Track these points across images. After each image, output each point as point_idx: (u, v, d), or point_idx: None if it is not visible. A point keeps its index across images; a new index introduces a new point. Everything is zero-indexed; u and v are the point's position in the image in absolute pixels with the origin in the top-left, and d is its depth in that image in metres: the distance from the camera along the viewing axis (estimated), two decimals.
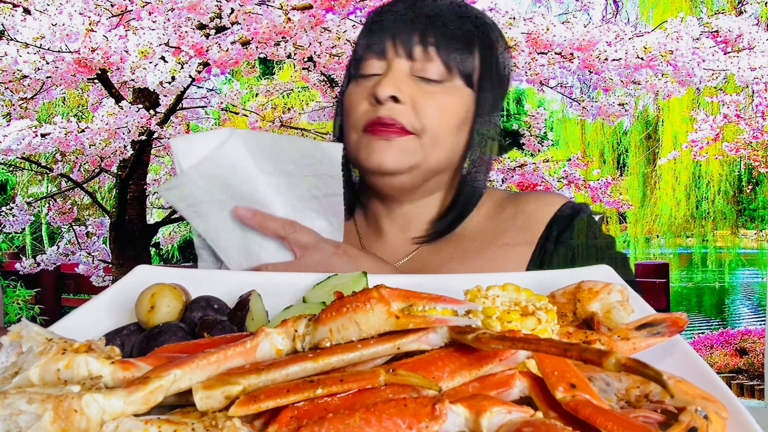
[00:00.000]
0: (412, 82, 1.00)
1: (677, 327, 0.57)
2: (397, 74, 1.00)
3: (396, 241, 1.11)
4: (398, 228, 1.12)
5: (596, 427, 0.39)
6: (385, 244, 1.12)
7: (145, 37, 2.53)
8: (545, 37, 3.13)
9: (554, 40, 3.14)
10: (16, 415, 0.39)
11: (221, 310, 0.64)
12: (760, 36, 3.23)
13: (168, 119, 3.59)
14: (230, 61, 2.75)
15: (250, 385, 0.43)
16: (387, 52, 1.02)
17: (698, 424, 0.42)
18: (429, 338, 0.48)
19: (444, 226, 1.09)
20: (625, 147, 9.14)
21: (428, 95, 1.00)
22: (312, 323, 0.49)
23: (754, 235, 11.01)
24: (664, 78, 3.34)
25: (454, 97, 1.02)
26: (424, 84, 1.01)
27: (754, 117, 5.02)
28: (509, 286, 0.59)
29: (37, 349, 0.46)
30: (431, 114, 1.00)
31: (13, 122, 2.99)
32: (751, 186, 9.06)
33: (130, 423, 0.40)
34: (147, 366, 0.46)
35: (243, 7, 2.71)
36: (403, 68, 1.00)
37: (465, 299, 0.57)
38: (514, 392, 0.45)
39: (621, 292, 0.62)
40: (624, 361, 0.38)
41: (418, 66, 1.00)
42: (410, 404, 0.40)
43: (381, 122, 0.98)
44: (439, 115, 1.00)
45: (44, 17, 2.41)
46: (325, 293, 0.69)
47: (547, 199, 1.12)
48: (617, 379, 0.49)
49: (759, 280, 10.06)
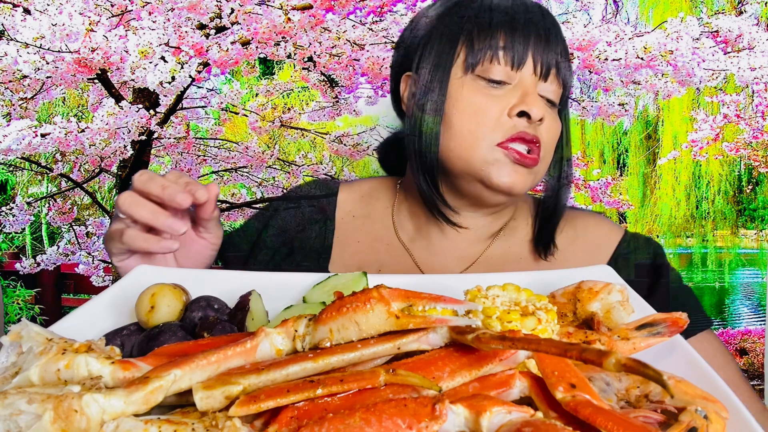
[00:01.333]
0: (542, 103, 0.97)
1: (677, 327, 0.57)
2: (536, 92, 0.96)
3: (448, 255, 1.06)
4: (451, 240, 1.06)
5: (596, 427, 0.39)
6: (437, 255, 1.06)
7: (145, 37, 2.53)
8: None
9: None
10: (16, 415, 0.39)
11: (221, 310, 0.64)
12: (760, 36, 3.23)
13: (168, 119, 3.59)
14: (230, 61, 2.75)
15: (250, 385, 0.43)
16: (525, 65, 0.95)
17: (698, 424, 0.42)
18: (429, 338, 0.48)
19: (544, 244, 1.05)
20: (625, 147, 9.15)
21: (550, 119, 0.97)
22: (312, 323, 0.49)
23: (754, 235, 11.01)
24: (664, 78, 3.34)
25: (557, 121, 1.00)
26: (547, 106, 0.98)
27: (754, 117, 5.02)
28: (509, 286, 0.59)
29: (38, 349, 0.46)
30: (550, 138, 0.98)
31: (13, 122, 2.99)
32: (751, 186, 9.06)
33: (130, 423, 0.40)
34: (147, 366, 0.46)
35: (243, 7, 2.71)
36: (536, 85, 0.96)
37: (465, 299, 0.57)
38: (514, 392, 0.45)
39: (621, 292, 0.62)
40: (624, 361, 0.38)
41: (546, 87, 0.97)
42: (410, 404, 0.40)
43: (524, 138, 0.94)
44: (552, 140, 0.99)
45: (44, 17, 2.41)
46: (325, 293, 0.69)
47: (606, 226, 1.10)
48: (617, 379, 0.49)
49: (759, 280, 10.07)
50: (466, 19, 0.98)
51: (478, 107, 0.95)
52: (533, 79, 0.96)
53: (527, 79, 0.96)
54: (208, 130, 5.14)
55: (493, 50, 0.95)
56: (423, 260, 1.06)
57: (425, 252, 1.06)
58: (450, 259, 1.05)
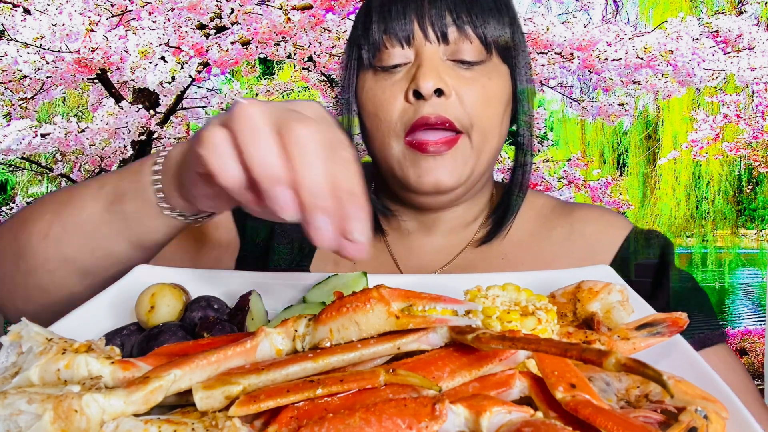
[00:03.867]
0: (450, 69, 0.85)
1: (677, 327, 0.57)
2: (433, 62, 0.83)
3: (432, 252, 0.96)
4: (433, 239, 0.97)
5: (596, 427, 0.39)
6: (420, 257, 0.97)
7: (145, 37, 2.53)
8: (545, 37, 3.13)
9: (554, 40, 3.14)
10: (16, 415, 0.39)
11: (221, 310, 0.64)
12: (760, 36, 3.24)
13: (168, 119, 3.60)
14: (230, 61, 2.75)
15: (250, 385, 0.43)
16: (415, 38, 0.84)
17: (698, 424, 0.42)
18: (429, 338, 0.48)
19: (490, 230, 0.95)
20: (625, 147, 9.15)
21: (469, 82, 0.84)
22: (312, 323, 0.49)
23: (754, 235, 11.02)
24: (664, 78, 3.35)
25: (496, 79, 0.86)
26: (461, 68, 0.85)
27: (754, 117, 5.03)
28: (509, 286, 0.59)
29: (37, 349, 0.46)
30: (476, 104, 0.84)
31: (13, 122, 2.99)
32: (751, 186, 9.07)
33: (130, 423, 0.40)
34: (147, 366, 0.46)
35: (243, 7, 2.71)
36: (436, 53, 0.84)
37: (465, 299, 0.57)
38: (514, 392, 0.45)
39: (621, 292, 0.62)
40: (624, 361, 0.38)
41: (452, 48, 0.85)
42: (410, 404, 0.40)
43: (427, 122, 0.82)
44: (484, 104, 0.85)
45: (44, 17, 2.41)
46: (325, 293, 0.69)
47: (609, 220, 0.97)
48: (617, 379, 0.49)
49: (759, 280, 10.07)
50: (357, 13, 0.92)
51: (377, 101, 0.86)
52: (431, 48, 0.84)
53: (423, 50, 0.84)
54: None
55: (377, 36, 0.86)
56: (400, 255, 0.98)
57: (401, 247, 0.98)
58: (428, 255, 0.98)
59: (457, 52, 0.85)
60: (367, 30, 0.88)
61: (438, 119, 0.82)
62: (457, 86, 0.84)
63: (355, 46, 0.90)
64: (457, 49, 0.85)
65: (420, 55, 0.85)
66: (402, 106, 0.85)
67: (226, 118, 0.51)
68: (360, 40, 0.89)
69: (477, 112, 0.85)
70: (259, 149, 0.48)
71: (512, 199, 0.94)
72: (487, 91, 0.85)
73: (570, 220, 0.98)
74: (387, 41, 0.86)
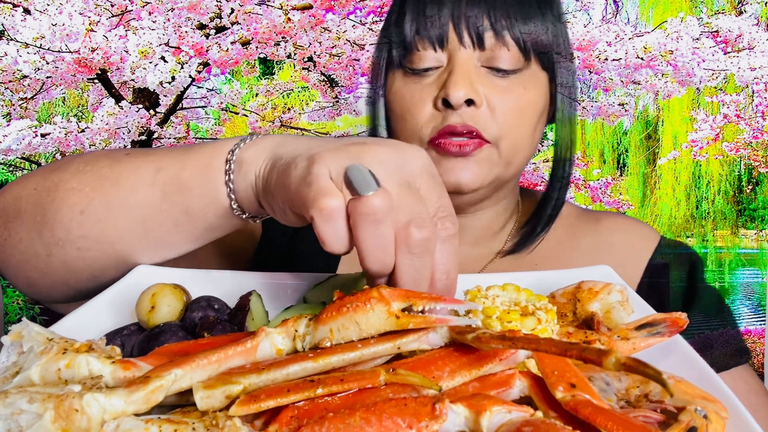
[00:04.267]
0: (484, 77, 0.81)
1: (677, 327, 0.57)
2: (466, 69, 0.79)
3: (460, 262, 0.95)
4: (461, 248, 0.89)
5: (596, 426, 0.39)
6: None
7: (145, 37, 2.54)
8: None
9: None
10: (17, 415, 0.39)
11: (221, 310, 0.64)
12: (760, 36, 3.24)
13: (168, 119, 3.60)
14: (230, 61, 2.75)
15: (251, 385, 0.43)
16: (448, 42, 0.81)
17: (698, 424, 0.42)
18: (429, 338, 0.48)
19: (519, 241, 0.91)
20: (625, 147, 9.15)
21: (503, 92, 0.81)
22: (312, 323, 0.49)
23: (754, 235, 11.01)
24: (664, 78, 3.35)
25: (532, 89, 0.82)
26: (496, 77, 0.81)
27: (754, 117, 5.02)
28: (509, 286, 0.59)
29: (38, 349, 0.46)
30: (509, 115, 0.81)
31: (13, 122, 3.00)
32: (751, 186, 9.06)
33: (130, 422, 0.40)
34: (147, 366, 0.46)
35: (243, 7, 2.71)
36: (469, 59, 0.80)
37: (465, 299, 0.57)
38: (514, 392, 0.45)
39: (621, 292, 0.62)
40: (624, 361, 0.39)
41: (488, 55, 0.80)
42: (410, 404, 0.40)
43: (454, 131, 0.79)
44: (517, 115, 0.81)
45: (44, 17, 2.42)
46: (325, 293, 0.69)
47: (638, 231, 0.95)
48: (617, 379, 0.49)
49: (759, 280, 10.06)
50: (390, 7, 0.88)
51: (405, 104, 0.83)
52: (465, 53, 0.80)
53: (457, 55, 0.80)
54: (208, 130, 5.14)
55: (409, 36, 0.82)
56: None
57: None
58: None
59: (493, 59, 0.80)
60: (398, 29, 0.84)
61: (465, 129, 0.79)
62: (490, 95, 0.80)
63: (386, 43, 0.87)
64: (492, 56, 0.80)
65: (453, 60, 0.81)
66: (430, 112, 0.82)
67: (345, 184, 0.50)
68: (391, 38, 0.85)
69: (509, 123, 0.81)
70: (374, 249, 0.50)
71: (546, 210, 0.91)
72: (521, 101, 0.81)
73: (597, 229, 0.95)
74: (419, 42, 0.82)
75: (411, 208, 0.50)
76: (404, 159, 0.53)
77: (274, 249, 0.99)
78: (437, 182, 0.54)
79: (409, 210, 0.50)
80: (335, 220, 0.50)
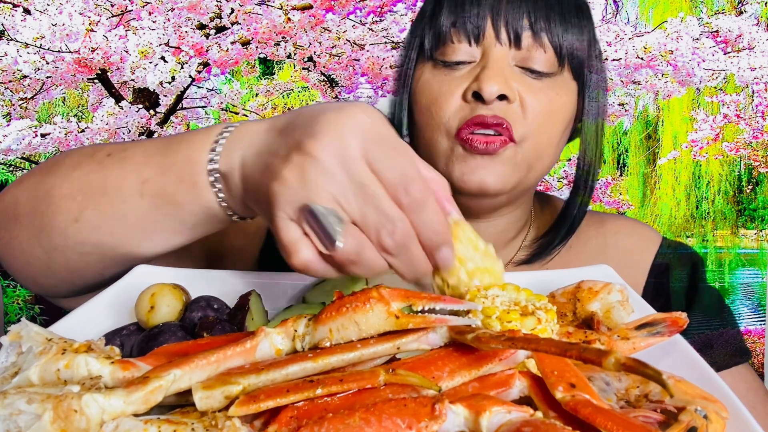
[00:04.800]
0: (518, 76, 0.79)
1: (677, 327, 0.57)
2: (500, 65, 0.78)
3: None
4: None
5: (596, 426, 0.39)
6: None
7: (145, 37, 2.54)
8: None
9: None
10: (16, 415, 0.39)
11: (221, 310, 0.64)
12: (760, 36, 3.24)
13: (168, 119, 3.60)
14: (230, 61, 2.75)
15: (250, 385, 0.43)
16: (485, 37, 0.79)
17: (698, 424, 0.42)
18: (429, 338, 0.48)
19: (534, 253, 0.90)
20: (625, 147, 9.14)
21: (536, 92, 0.79)
22: (312, 323, 0.49)
23: (754, 235, 11.00)
24: (664, 78, 3.35)
25: (564, 96, 0.81)
26: (530, 77, 0.80)
27: (754, 117, 5.03)
28: (509, 285, 0.59)
29: (37, 349, 0.46)
30: (539, 116, 0.79)
31: (13, 122, 3.00)
32: (751, 186, 9.06)
33: (129, 423, 0.40)
34: (147, 366, 0.46)
35: (243, 7, 2.71)
36: (504, 57, 0.79)
37: (465, 299, 0.57)
38: (514, 392, 0.45)
39: (621, 291, 0.62)
40: (624, 361, 0.38)
41: (524, 54, 0.79)
42: (410, 404, 0.40)
43: (483, 122, 0.77)
44: (547, 118, 0.80)
45: (44, 17, 2.42)
46: (325, 293, 0.69)
47: (641, 233, 0.95)
48: (617, 379, 0.49)
49: (759, 280, 10.06)
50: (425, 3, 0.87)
51: (432, 95, 0.81)
52: (501, 50, 0.79)
53: (492, 51, 0.79)
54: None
55: (445, 27, 0.81)
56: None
57: None
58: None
59: (528, 60, 0.79)
60: (434, 19, 0.82)
61: (495, 120, 0.77)
62: (523, 94, 0.79)
63: (418, 34, 0.84)
64: (528, 57, 0.79)
65: (487, 56, 0.79)
66: (458, 104, 0.80)
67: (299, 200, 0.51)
68: (425, 28, 0.83)
69: (538, 124, 0.79)
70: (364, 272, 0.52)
71: (566, 223, 0.90)
72: (553, 105, 0.80)
73: (603, 232, 0.95)
74: (454, 35, 0.80)
75: (374, 219, 0.50)
76: (347, 148, 0.51)
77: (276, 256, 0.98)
78: (388, 143, 0.52)
79: (374, 221, 0.50)
80: (314, 267, 0.52)
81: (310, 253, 0.51)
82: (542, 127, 0.80)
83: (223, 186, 0.61)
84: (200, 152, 0.62)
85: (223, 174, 0.60)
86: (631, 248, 0.94)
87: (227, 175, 0.60)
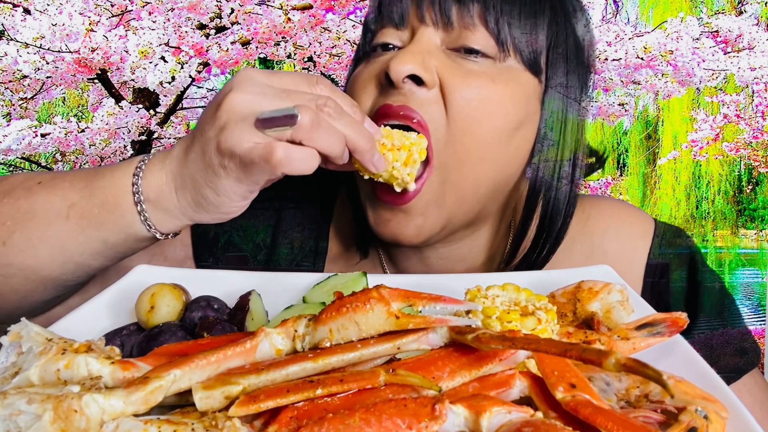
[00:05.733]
0: (445, 58, 0.70)
1: (677, 327, 0.57)
2: (424, 46, 0.69)
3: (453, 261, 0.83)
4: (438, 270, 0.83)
5: (596, 427, 0.39)
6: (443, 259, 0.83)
7: (145, 37, 2.54)
8: None
9: None
10: (16, 416, 0.39)
11: (221, 310, 0.64)
12: (760, 36, 3.24)
13: (168, 119, 3.60)
14: (230, 61, 2.75)
15: (250, 385, 0.43)
16: (409, 18, 0.71)
17: (698, 424, 0.42)
18: (429, 338, 0.48)
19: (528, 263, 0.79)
20: (625, 147, 9.14)
21: (464, 75, 0.68)
22: (312, 323, 0.49)
23: (754, 235, 11.00)
24: (664, 78, 3.35)
25: (502, 85, 0.69)
26: (464, 59, 0.70)
27: (754, 117, 5.03)
28: (509, 286, 0.59)
29: (37, 350, 0.46)
30: (468, 108, 0.67)
31: (13, 122, 3.00)
32: (751, 186, 9.06)
33: (129, 423, 0.40)
34: (147, 366, 0.46)
35: (243, 7, 2.71)
36: (431, 39, 0.70)
37: (465, 299, 0.57)
38: (514, 392, 0.45)
39: (621, 291, 0.62)
40: (624, 361, 0.38)
41: (456, 35, 0.70)
42: (410, 404, 0.40)
43: (388, 112, 0.68)
44: (480, 111, 0.67)
45: (44, 17, 2.42)
46: (325, 293, 0.69)
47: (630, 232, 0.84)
48: (617, 379, 0.49)
49: (759, 280, 10.06)
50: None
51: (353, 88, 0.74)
52: (427, 31, 0.70)
53: (418, 33, 0.71)
54: None
55: (372, 14, 0.75)
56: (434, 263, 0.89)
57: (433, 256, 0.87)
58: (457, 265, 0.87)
59: (460, 39, 0.70)
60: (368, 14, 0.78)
61: (402, 110, 0.67)
62: (448, 78, 0.68)
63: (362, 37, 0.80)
64: (460, 36, 0.70)
65: (417, 39, 0.71)
66: (373, 94, 0.71)
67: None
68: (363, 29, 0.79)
69: (466, 119, 0.67)
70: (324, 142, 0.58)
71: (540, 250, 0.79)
72: (483, 92, 0.68)
73: (588, 232, 0.86)
74: (380, 20, 0.73)
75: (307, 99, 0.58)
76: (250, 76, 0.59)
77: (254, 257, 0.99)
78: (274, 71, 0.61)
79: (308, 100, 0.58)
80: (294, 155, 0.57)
81: (283, 145, 0.56)
82: (473, 122, 0.67)
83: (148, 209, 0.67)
84: (123, 177, 0.67)
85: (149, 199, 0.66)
86: (620, 254, 0.86)
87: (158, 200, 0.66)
